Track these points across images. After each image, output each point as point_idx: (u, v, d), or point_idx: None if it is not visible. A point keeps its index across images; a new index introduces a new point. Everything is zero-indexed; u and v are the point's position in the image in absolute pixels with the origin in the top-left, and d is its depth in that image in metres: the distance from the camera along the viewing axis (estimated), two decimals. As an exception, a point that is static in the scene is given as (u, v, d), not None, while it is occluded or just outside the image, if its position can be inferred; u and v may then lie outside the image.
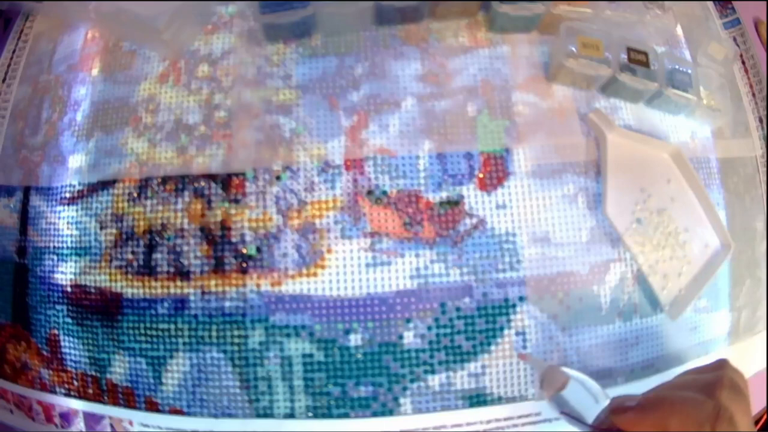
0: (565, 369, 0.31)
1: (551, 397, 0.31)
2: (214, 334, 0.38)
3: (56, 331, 0.41)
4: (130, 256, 0.39)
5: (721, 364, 0.30)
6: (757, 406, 0.45)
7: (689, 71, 0.42)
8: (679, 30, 0.46)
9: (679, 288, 0.40)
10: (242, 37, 0.41)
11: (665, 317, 0.40)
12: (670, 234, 0.41)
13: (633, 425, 0.28)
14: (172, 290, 0.38)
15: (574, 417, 0.29)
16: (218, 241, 0.38)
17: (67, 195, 0.41)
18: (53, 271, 0.41)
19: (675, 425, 0.26)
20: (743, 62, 0.46)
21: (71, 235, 0.41)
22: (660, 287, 0.40)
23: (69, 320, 0.40)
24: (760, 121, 0.45)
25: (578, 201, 0.40)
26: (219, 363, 0.38)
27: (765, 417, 0.46)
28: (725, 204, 0.43)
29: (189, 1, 0.41)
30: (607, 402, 0.30)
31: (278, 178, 0.39)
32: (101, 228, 0.40)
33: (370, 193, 0.39)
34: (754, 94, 0.45)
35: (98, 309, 0.40)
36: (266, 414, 0.38)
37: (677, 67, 0.42)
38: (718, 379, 0.28)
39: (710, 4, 0.47)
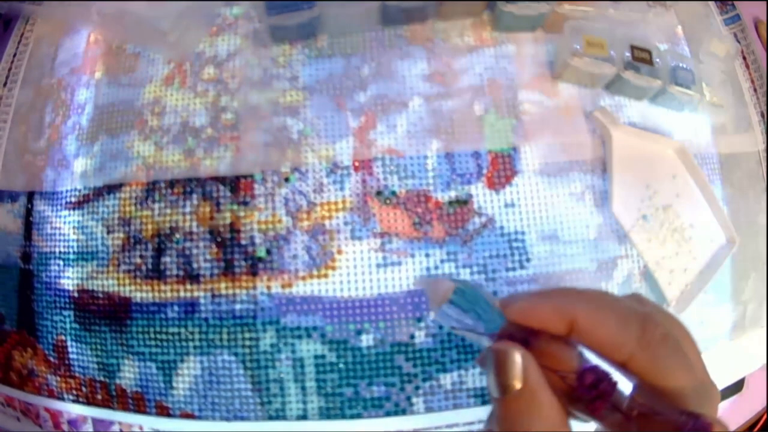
0: (452, 278, 0.26)
1: (437, 312, 0.27)
2: (224, 336, 0.38)
3: (63, 337, 0.40)
4: (138, 260, 0.39)
5: (640, 298, 0.23)
6: (757, 407, 0.46)
7: (691, 68, 0.42)
8: (680, 27, 0.46)
9: (685, 283, 0.41)
10: (248, 39, 0.41)
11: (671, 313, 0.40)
12: (676, 230, 0.41)
13: (528, 313, 0.20)
14: (181, 293, 0.38)
15: (465, 329, 0.24)
16: (227, 244, 0.38)
17: (73, 199, 0.41)
18: (59, 277, 0.41)
19: (584, 314, 0.19)
20: (744, 58, 0.46)
21: (77, 240, 0.40)
22: (666, 282, 0.40)
23: (76, 326, 0.40)
24: (762, 116, 0.45)
25: (585, 198, 0.40)
26: (230, 366, 0.38)
27: (765, 417, 0.46)
28: (728, 199, 0.44)
29: (194, 2, 0.40)
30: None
31: (287, 179, 0.39)
32: (108, 232, 0.40)
33: (379, 193, 0.39)
34: (755, 89, 0.46)
35: (106, 314, 0.39)
36: (279, 416, 0.37)
37: (680, 64, 0.42)
38: (637, 298, 0.22)
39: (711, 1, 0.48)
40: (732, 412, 0.44)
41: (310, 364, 0.37)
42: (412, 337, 0.37)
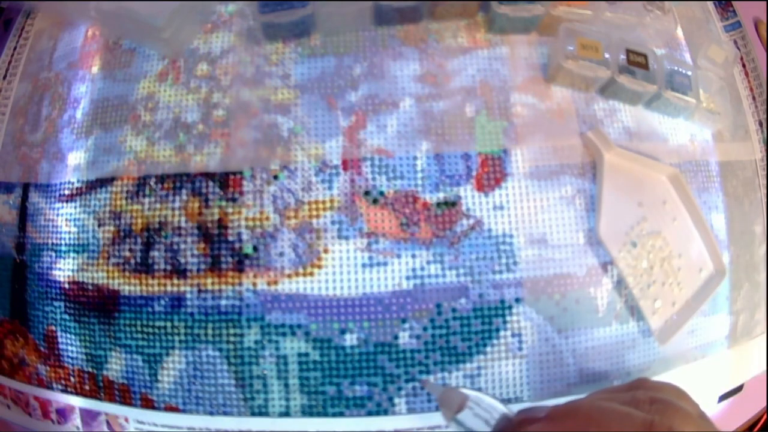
0: (464, 390, 0.30)
1: (450, 420, 0.29)
2: (209, 332, 0.38)
3: (53, 328, 0.41)
4: (127, 254, 0.39)
5: (638, 383, 0.27)
6: (756, 407, 0.45)
7: (689, 74, 0.42)
8: (679, 32, 0.45)
9: (670, 313, 0.40)
10: (241, 36, 0.41)
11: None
12: (664, 259, 0.40)
13: None
14: (168, 288, 0.38)
15: None
16: (215, 240, 0.38)
17: (66, 192, 0.41)
18: (51, 268, 0.41)
19: None
20: (743, 65, 0.45)
21: (69, 232, 0.41)
22: (650, 312, 0.39)
23: (66, 317, 0.41)
24: (760, 124, 0.45)
25: (576, 203, 0.40)
26: (215, 361, 0.38)
27: (765, 417, 0.46)
28: (724, 207, 0.43)
29: (189, 0, 0.41)
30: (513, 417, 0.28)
31: (276, 177, 0.39)
32: (99, 225, 0.40)
33: (367, 193, 0.39)
34: (754, 98, 0.45)
35: (95, 306, 0.40)
36: (261, 412, 0.38)
37: (677, 69, 0.41)
38: (634, 397, 0.26)
39: (711, 6, 0.47)
40: (732, 412, 0.44)
41: (293, 361, 0.37)
42: (396, 337, 0.37)
